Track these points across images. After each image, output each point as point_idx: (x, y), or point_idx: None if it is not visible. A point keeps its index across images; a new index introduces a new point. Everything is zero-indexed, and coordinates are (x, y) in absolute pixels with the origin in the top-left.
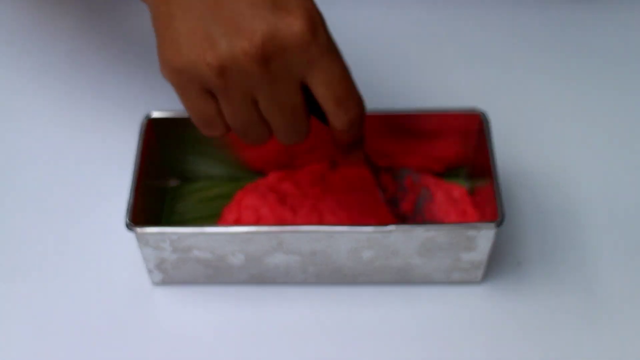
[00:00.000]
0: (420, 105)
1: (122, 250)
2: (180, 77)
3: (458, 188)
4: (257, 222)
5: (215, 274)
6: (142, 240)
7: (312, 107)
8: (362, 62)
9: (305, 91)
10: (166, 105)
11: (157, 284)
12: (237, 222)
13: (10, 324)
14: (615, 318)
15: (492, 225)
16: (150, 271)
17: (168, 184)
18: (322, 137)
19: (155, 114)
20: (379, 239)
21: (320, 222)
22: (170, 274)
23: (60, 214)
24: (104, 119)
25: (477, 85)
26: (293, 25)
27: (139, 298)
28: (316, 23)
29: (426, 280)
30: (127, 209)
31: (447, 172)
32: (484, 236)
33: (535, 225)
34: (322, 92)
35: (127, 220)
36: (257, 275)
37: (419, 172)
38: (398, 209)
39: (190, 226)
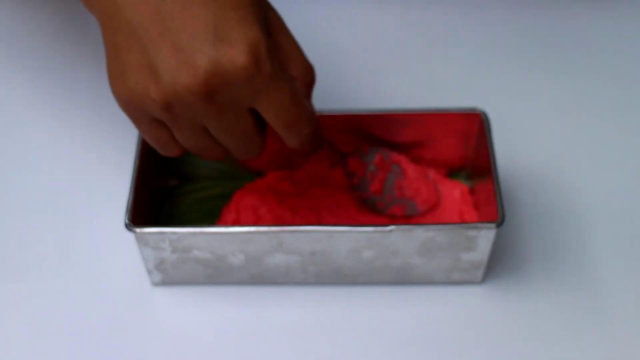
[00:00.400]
0: (420, 105)
1: (122, 250)
2: (130, 108)
3: (460, 186)
4: (256, 222)
5: (215, 274)
6: (141, 241)
7: None
8: (362, 62)
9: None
10: None
11: (156, 284)
12: (236, 222)
13: (10, 324)
14: (615, 318)
15: (493, 225)
16: (149, 271)
17: (168, 184)
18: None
19: None
20: (379, 238)
21: (320, 222)
22: (170, 274)
23: (60, 214)
24: (104, 118)
25: (477, 85)
26: (235, 60)
27: (138, 298)
28: (259, 53)
29: (426, 280)
30: (127, 209)
31: (448, 172)
32: (484, 236)
33: (536, 225)
34: (271, 119)
35: (127, 221)
36: (257, 275)
37: (389, 149)
38: (367, 192)
39: (189, 226)
